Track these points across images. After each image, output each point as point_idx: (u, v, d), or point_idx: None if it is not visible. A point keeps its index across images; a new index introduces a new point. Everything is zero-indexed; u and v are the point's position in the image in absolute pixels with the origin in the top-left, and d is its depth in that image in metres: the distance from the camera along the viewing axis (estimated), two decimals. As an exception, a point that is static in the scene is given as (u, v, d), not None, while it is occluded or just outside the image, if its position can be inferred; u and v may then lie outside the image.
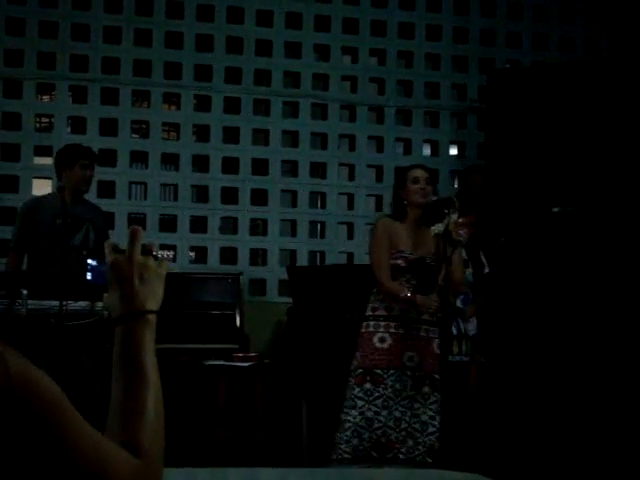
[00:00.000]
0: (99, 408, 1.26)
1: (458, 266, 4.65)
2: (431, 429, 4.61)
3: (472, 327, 5.45)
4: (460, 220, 4.35)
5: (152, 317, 1.35)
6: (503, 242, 5.53)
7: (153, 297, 1.37)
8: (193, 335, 5.71)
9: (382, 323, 4.69)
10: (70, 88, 6.76)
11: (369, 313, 4.75)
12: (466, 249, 5.39)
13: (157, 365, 1.32)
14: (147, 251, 1.39)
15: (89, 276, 4.59)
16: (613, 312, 5.90)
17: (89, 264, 4.60)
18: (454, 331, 5.09)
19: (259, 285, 6.92)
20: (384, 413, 4.60)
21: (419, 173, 4.79)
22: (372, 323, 4.71)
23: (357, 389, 4.63)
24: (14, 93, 6.61)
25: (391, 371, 4.64)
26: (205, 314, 5.87)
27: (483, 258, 5.48)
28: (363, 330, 4.72)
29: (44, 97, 7.01)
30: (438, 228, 4.36)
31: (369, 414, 4.59)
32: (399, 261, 4.71)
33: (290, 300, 6.33)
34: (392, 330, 4.67)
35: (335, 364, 5.26)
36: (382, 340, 4.67)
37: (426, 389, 4.62)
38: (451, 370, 5.00)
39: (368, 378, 4.63)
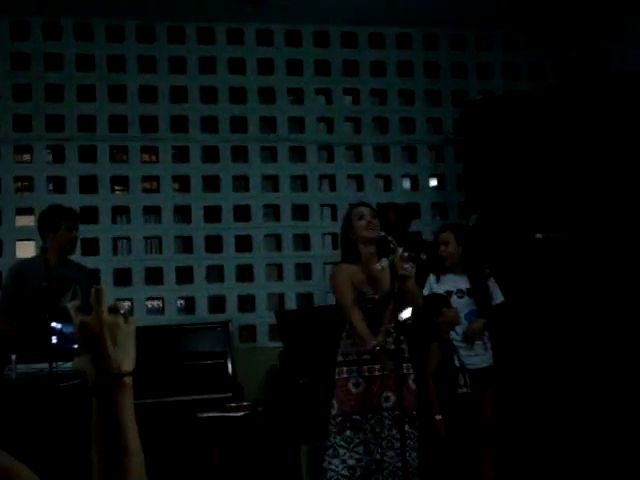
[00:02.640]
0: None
1: (415, 295, 4.60)
2: (412, 462, 4.51)
3: (485, 359, 5.39)
4: (405, 254, 4.33)
5: (128, 379, 1.30)
6: (488, 274, 5.52)
7: (128, 358, 1.31)
8: (186, 387, 5.67)
9: (355, 367, 4.62)
10: (48, 147, 6.76)
11: (340, 359, 4.68)
12: (469, 280, 5.40)
13: (138, 432, 1.27)
14: (114, 310, 1.33)
15: (54, 340, 4.40)
16: (599, 334, 5.91)
17: (53, 327, 4.42)
18: (457, 363, 5.08)
19: (249, 331, 6.90)
20: (366, 459, 4.53)
21: (363, 210, 4.78)
22: (345, 369, 4.65)
23: (338, 437, 4.54)
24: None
25: (369, 415, 4.57)
26: (197, 365, 5.84)
27: (496, 288, 5.47)
28: (337, 377, 4.66)
29: (24, 156, 7.00)
30: (382, 264, 4.32)
31: (351, 462, 4.51)
32: (364, 303, 4.65)
33: (281, 344, 6.31)
34: (366, 374, 4.61)
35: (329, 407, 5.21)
36: (357, 385, 4.60)
37: (407, 427, 4.47)
38: (460, 403, 4.97)
39: (348, 425, 4.55)
